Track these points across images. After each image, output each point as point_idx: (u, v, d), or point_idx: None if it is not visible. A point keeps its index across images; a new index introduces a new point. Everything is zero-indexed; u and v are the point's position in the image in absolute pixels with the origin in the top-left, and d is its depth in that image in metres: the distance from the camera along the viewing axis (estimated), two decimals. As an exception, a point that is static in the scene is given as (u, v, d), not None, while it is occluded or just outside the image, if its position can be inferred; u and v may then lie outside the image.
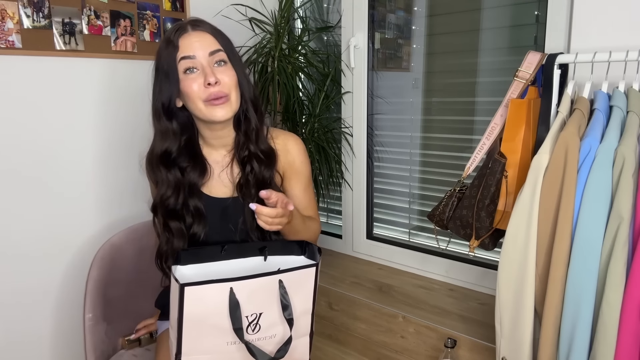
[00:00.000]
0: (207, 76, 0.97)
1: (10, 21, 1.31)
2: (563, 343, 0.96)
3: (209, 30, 1.01)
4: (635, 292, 0.87)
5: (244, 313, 0.91)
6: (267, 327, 0.94)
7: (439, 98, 1.69)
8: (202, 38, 1.00)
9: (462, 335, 1.30)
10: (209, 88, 0.98)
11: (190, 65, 0.98)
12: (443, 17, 1.64)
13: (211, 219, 1.10)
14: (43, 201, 1.45)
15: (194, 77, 0.98)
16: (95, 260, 1.33)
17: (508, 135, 1.12)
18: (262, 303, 0.93)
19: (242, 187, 1.09)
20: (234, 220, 1.10)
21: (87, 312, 1.30)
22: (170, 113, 1.03)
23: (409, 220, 1.82)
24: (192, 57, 0.98)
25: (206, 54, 0.99)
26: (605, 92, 1.06)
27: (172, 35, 1.00)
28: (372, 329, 1.50)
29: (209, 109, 0.99)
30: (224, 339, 0.92)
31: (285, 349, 0.95)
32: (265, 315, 0.93)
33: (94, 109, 1.53)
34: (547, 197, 0.98)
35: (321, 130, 1.83)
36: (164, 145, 1.05)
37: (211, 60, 0.99)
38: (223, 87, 0.99)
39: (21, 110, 1.38)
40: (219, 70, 0.99)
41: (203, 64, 0.98)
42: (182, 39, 0.99)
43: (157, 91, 1.03)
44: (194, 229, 1.07)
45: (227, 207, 1.10)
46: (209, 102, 0.99)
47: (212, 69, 0.98)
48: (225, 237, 1.10)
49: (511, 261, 1.04)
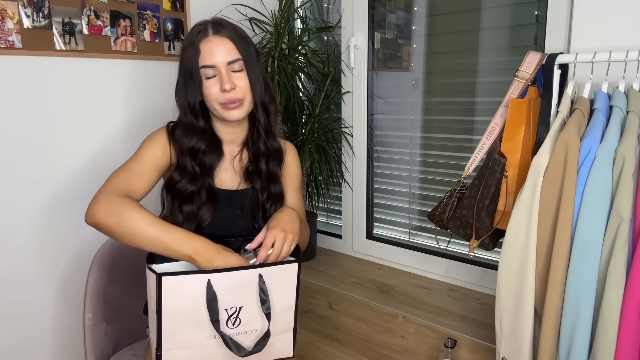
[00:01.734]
0: (223, 83, 1.04)
1: (10, 21, 1.31)
2: (563, 343, 0.96)
3: (229, 36, 1.06)
4: (635, 292, 0.87)
5: (223, 306, 0.92)
6: (247, 322, 0.95)
7: (439, 98, 1.69)
8: (223, 46, 1.05)
9: (462, 335, 1.30)
10: (224, 93, 1.05)
11: (211, 73, 1.05)
12: (443, 17, 1.64)
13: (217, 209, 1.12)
14: (43, 201, 1.45)
15: (213, 81, 1.05)
16: (95, 260, 1.33)
17: (508, 135, 1.12)
18: (242, 297, 0.94)
19: (251, 174, 1.15)
20: (240, 209, 1.14)
21: (87, 312, 1.30)
22: (197, 112, 1.10)
23: (409, 220, 1.81)
24: (212, 66, 1.04)
25: (225, 63, 1.04)
26: (605, 92, 1.06)
27: (194, 37, 1.06)
28: (372, 329, 1.50)
29: (224, 111, 1.07)
30: (204, 333, 0.93)
31: (263, 343, 0.96)
32: (245, 309, 0.94)
33: (94, 109, 1.53)
34: (547, 197, 0.98)
35: (321, 130, 1.83)
36: (191, 140, 1.10)
37: (229, 68, 1.05)
38: (238, 93, 1.06)
39: (21, 110, 1.38)
40: (236, 76, 1.06)
41: (221, 71, 1.04)
42: (203, 44, 1.04)
43: (182, 87, 1.09)
44: (203, 211, 1.09)
45: (233, 197, 1.14)
46: (225, 105, 1.06)
47: (229, 75, 1.05)
48: (229, 226, 1.12)
49: (511, 261, 1.04)
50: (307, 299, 1.68)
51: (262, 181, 1.15)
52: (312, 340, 1.67)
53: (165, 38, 1.67)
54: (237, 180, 1.16)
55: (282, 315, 0.99)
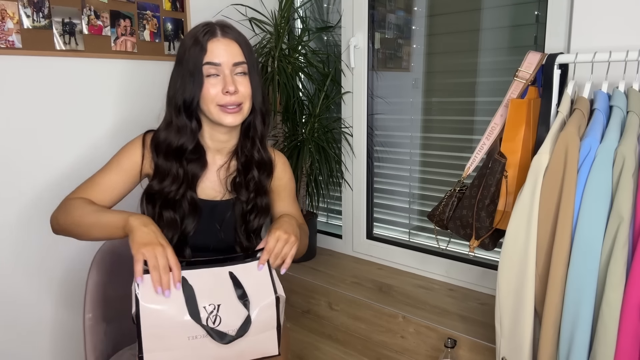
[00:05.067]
0: (227, 84, 1.00)
1: (10, 21, 1.31)
2: (563, 343, 0.96)
3: (236, 39, 1.04)
4: (635, 292, 0.87)
5: (202, 303, 0.93)
6: (227, 320, 0.95)
7: (439, 98, 1.69)
8: (230, 47, 1.02)
9: (462, 335, 1.30)
10: (226, 96, 1.01)
11: (214, 71, 1.01)
12: (443, 17, 1.64)
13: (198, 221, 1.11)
14: (43, 201, 1.45)
15: (215, 82, 1.02)
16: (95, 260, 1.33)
17: (508, 135, 1.12)
18: (218, 294, 0.95)
19: (239, 185, 1.12)
20: (220, 221, 1.12)
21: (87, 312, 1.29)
22: (191, 112, 1.06)
23: (409, 220, 1.81)
24: (218, 65, 1.01)
25: (230, 64, 1.02)
26: (605, 92, 1.06)
27: (201, 36, 1.02)
28: (372, 329, 1.50)
29: (220, 114, 1.03)
30: (185, 334, 0.93)
31: (244, 328, 0.96)
32: (224, 307, 0.95)
33: (95, 109, 1.53)
34: (547, 197, 0.98)
35: (321, 130, 1.83)
36: (180, 140, 1.06)
37: (233, 70, 1.02)
38: (239, 97, 1.02)
39: (21, 110, 1.38)
40: (238, 81, 1.03)
41: (225, 72, 1.01)
42: (210, 43, 1.01)
43: (178, 85, 1.05)
44: (186, 222, 1.08)
45: (214, 208, 1.12)
46: (223, 108, 1.02)
47: (233, 78, 1.02)
48: (209, 237, 1.11)
49: (511, 261, 1.04)
50: (307, 299, 1.68)
51: (249, 192, 1.12)
52: (312, 340, 1.67)
53: (165, 38, 1.67)
54: (221, 191, 1.12)
55: (264, 313, 0.99)
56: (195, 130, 1.07)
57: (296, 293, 1.72)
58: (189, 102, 1.04)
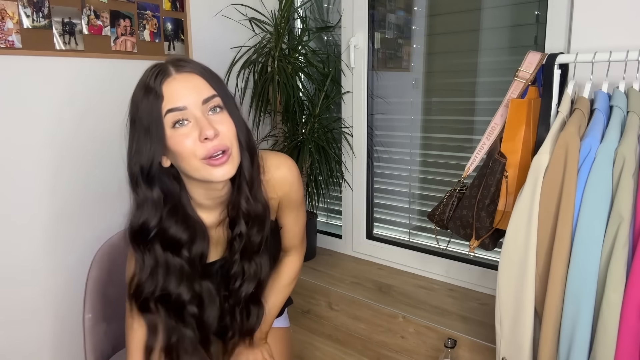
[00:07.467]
0: (202, 129, 0.79)
1: (10, 21, 1.31)
2: (563, 343, 0.96)
3: (197, 71, 0.84)
4: (635, 292, 0.87)
5: None
6: None
7: (439, 98, 1.69)
8: (191, 82, 0.82)
9: (462, 335, 1.30)
10: (205, 143, 0.80)
11: (179, 117, 0.80)
12: (443, 17, 1.64)
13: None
14: (42, 200, 1.45)
15: (186, 131, 0.80)
16: (95, 260, 1.33)
17: (508, 135, 1.12)
18: None
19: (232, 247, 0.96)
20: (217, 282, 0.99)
21: (87, 312, 1.29)
22: (151, 179, 0.85)
23: (409, 220, 1.81)
24: (182, 109, 0.80)
25: (199, 102, 0.81)
26: (605, 92, 1.06)
27: (151, 80, 0.82)
28: (372, 329, 1.50)
29: (208, 169, 0.82)
30: None
31: None
32: None
33: (95, 109, 1.53)
34: (547, 197, 0.98)
35: (321, 130, 1.82)
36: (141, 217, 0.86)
37: (205, 109, 0.82)
38: (222, 140, 0.82)
39: (21, 111, 1.38)
40: (216, 120, 0.82)
41: (196, 114, 0.81)
42: (165, 85, 0.81)
43: (133, 152, 0.84)
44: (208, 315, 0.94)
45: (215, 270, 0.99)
46: (208, 160, 0.81)
47: (208, 119, 0.81)
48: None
49: (511, 261, 1.04)
50: (307, 299, 1.68)
51: (234, 253, 0.94)
52: (312, 340, 1.67)
53: (165, 38, 1.67)
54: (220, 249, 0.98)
55: None
56: (158, 202, 0.86)
57: (296, 293, 1.71)
58: (147, 165, 0.83)
